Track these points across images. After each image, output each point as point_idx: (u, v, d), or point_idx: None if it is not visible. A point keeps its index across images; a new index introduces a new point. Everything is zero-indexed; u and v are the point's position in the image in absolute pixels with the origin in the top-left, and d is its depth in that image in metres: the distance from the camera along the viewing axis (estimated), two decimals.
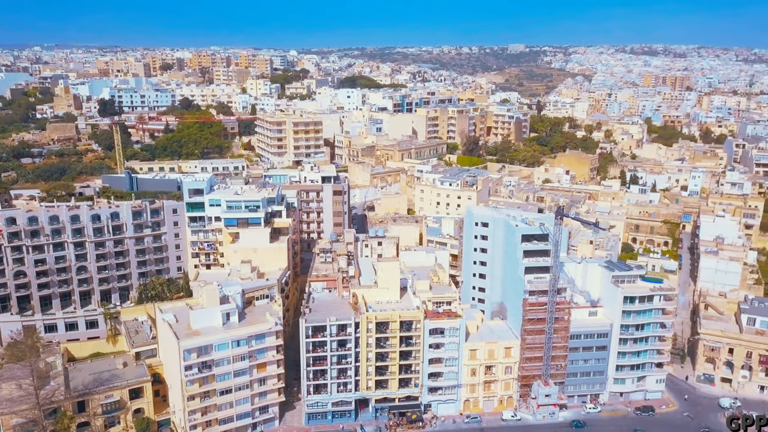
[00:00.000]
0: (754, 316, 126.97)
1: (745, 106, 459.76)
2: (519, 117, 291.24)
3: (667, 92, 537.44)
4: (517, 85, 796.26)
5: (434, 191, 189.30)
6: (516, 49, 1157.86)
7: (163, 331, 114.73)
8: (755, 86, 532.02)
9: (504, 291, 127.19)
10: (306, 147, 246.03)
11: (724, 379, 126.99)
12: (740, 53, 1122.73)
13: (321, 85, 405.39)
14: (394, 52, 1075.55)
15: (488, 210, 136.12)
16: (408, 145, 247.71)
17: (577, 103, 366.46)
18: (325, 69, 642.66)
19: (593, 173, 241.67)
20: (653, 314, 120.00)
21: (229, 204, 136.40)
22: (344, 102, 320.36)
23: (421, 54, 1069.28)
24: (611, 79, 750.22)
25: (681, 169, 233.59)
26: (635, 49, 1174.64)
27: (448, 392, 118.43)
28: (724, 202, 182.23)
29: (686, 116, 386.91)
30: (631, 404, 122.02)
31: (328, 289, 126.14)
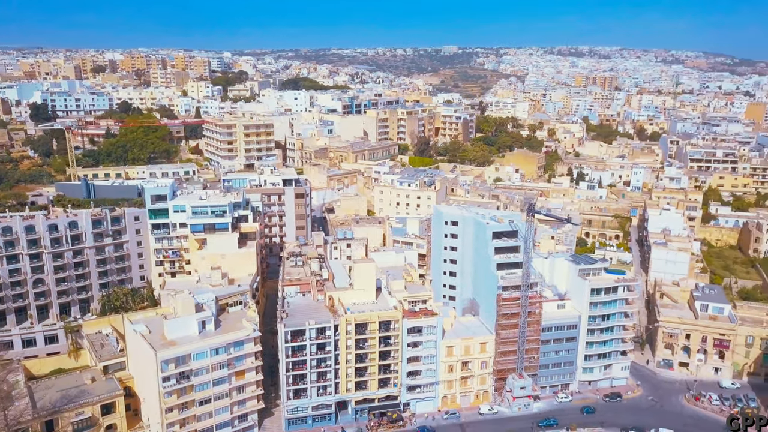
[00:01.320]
0: (707, 302, 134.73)
1: (670, 104, 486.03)
2: (466, 118, 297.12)
3: (597, 92, 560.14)
4: (452, 86, 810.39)
5: (394, 192, 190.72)
6: (449, 50, 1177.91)
7: (133, 343, 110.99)
8: (679, 86, 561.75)
9: (475, 287, 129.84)
10: (257, 150, 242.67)
11: (681, 363, 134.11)
12: (659, 54, 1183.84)
13: (263, 87, 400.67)
14: (329, 54, 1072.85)
15: (457, 209, 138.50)
16: (361, 146, 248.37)
17: (518, 103, 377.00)
18: (263, 71, 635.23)
19: (540, 171, 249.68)
20: (618, 305, 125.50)
21: (195, 210, 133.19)
22: (291, 104, 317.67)
23: (356, 56, 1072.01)
24: (543, 80, 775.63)
25: (623, 165, 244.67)
26: (562, 51, 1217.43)
27: (426, 390, 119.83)
28: (668, 196, 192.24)
29: (618, 115, 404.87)
30: (599, 392, 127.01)
31: (301, 293, 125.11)
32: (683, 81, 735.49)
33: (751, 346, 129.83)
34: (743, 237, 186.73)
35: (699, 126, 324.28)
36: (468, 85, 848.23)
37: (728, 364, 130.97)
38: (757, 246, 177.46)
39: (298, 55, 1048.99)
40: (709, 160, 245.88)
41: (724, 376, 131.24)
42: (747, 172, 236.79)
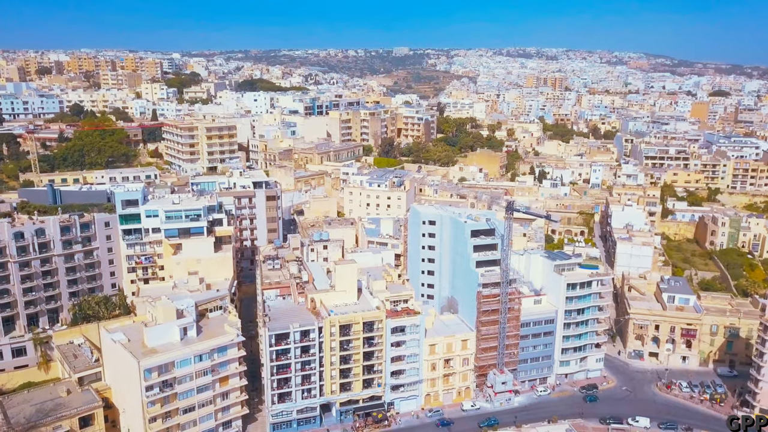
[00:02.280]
0: (673, 294, 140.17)
1: (619, 104, 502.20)
2: (427, 119, 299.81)
3: (549, 92, 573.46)
4: (406, 87, 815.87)
5: (364, 193, 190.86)
6: (401, 52, 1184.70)
7: (111, 353, 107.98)
8: (627, 86, 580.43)
9: (453, 285, 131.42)
10: (220, 152, 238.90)
11: (651, 353, 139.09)
12: (603, 56, 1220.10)
13: (219, 89, 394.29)
14: (280, 55, 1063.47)
15: (434, 208, 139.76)
16: (326, 147, 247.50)
17: (475, 104, 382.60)
18: (215, 72, 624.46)
19: (502, 170, 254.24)
20: (592, 298, 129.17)
21: (168, 214, 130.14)
22: (251, 106, 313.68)
23: (308, 57, 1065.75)
24: (495, 81, 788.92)
25: (582, 163, 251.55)
26: (511, 52, 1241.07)
27: (410, 388, 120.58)
28: (629, 193, 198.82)
29: (572, 114, 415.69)
30: (575, 384, 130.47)
31: (281, 297, 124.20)
32: (629, 81, 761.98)
33: (715, 334, 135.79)
34: (699, 230, 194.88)
35: (649, 125, 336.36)
36: (421, 86, 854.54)
37: (695, 353, 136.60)
38: (714, 239, 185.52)
39: (248, 56, 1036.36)
40: (662, 158, 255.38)
41: (692, 364, 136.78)
42: (698, 169, 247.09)
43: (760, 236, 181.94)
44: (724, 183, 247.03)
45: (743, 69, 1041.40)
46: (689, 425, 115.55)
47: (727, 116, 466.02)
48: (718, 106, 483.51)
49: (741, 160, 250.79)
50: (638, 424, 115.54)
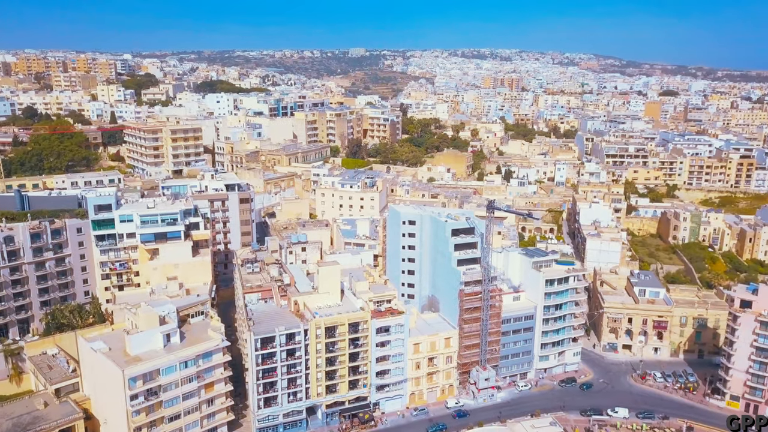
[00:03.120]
0: (644, 287, 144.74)
1: (575, 104, 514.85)
2: (393, 119, 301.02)
3: (506, 93, 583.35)
4: (364, 88, 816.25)
5: (337, 194, 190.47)
6: (357, 53, 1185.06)
7: (90, 362, 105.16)
8: (583, 86, 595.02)
9: (434, 284, 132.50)
10: (186, 155, 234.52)
11: (625, 345, 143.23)
12: (555, 57, 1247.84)
13: (178, 91, 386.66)
14: (234, 56, 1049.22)
15: (412, 208, 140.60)
16: (294, 149, 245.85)
17: (438, 104, 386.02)
18: (169, 73, 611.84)
19: (469, 170, 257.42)
20: (569, 294, 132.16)
21: (144, 218, 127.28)
22: (213, 107, 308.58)
23: (263, 58, 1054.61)
24: (452, 82, 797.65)
25: (546, 162, 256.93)
26: (466, 53, 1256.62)
27: (395, 388, 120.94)
28: (594, 190, 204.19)
29: (532, 114, 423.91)
30: (554, 378, 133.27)
31: (263, 300, 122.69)
32: (585, 82, 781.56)
33: (684, 325, 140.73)
34: (662, 226, 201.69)
35: (607, 124, 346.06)
36: (379, 87, 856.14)
37: (666, 344, 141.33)
38: (676, 233, 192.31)
39: (202, 57, 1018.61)
40: (622, 156, 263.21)
41: (663, 355, 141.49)
42: (657, 166, 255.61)
43: (719, 230, 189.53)
44: (681, 180, 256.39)
45: (688, 69, 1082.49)
46: (665, 414, 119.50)
47: (677, 115, 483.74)
48: (668, 106, 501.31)
49: (696, 157, 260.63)
50: (617, 414, 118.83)
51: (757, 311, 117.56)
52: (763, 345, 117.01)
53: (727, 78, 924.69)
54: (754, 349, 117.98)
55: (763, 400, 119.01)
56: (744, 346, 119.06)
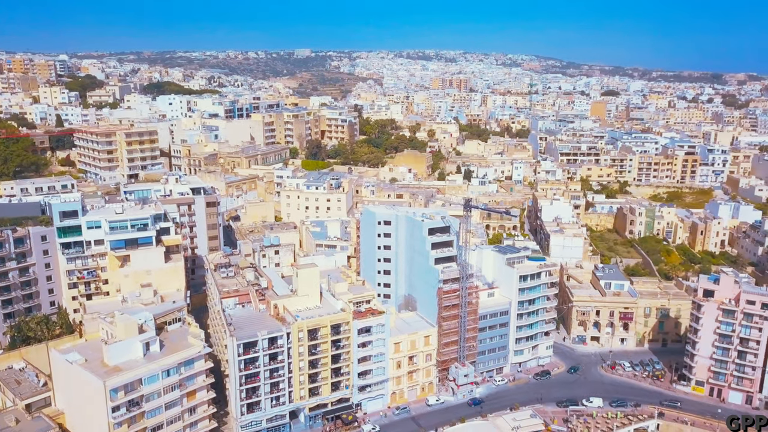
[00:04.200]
0: (610, 280, 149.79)
1: (522, 104, 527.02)
2: (351, 120, 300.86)
3: (456, 94, 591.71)
4: (311, 89, 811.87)
5: (302, 196, 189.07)
6: (303, 54, 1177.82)
7: (64, 375, 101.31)
8: (534, 87, 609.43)
9: (411, 283, 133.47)
10: (141, 159, 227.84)
11: (593, 337, 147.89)
12: (498, 58, 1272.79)
13: (125, 93, 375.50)
14: (176, 57, 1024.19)
15: (386, 209, 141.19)
16: (253, 151, 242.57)
17: (392, 105, 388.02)
18: (112, 74, 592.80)
19: (428, 170, 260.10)
20: (541, 289, 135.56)
21: (113, 225, 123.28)
22: (165, 109, 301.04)
23: (206, 59, 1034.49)
24: (400, 83, 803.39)
25: (503, 161, 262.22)
26: (411, 55, 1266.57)
27: (376, 388, 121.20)
28: (554, 188, 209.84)
29: (483, 114, 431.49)
30: (529, 372, 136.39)
31: (241, 305, 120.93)
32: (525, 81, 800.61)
33: (648, 316, 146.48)
34: (618, 221, 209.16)
35: (557, 123, 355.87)
36: (327, 88, 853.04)
37: (632, 334, 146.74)
38: (632, 228, 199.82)
39: (141, 58, 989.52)
40: (575, 154, 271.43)
41: (629, 345, 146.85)
42: (608, 163, 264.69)
43: (672, 224, 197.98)
44: (631, 176, 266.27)
45: (625, 70, 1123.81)
46: (637, 401, 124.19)
47: (619, 114, 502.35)
48: (611, 105, 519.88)
49: (645, 155, 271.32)
50: (592, 404, 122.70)
51: (719, 300, 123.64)
52: (725, 332, 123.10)
53: (661, 78, 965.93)
54: (717, 336, 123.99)
55: (726, 384, 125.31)
56: (708, 333, 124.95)
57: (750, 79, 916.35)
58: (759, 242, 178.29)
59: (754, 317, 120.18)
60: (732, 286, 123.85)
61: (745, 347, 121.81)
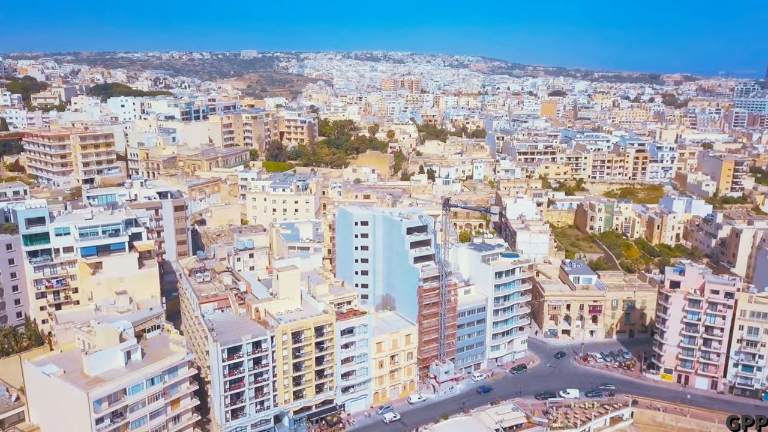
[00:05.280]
0: (578, 275, 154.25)
1: (474, 105, 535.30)
2: (310, 121, 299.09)
3: (408, 95, 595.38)
4: (260, 90, 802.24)
5: (269, 198, 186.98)
6: (249, 54, 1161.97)
7: (40, 388, 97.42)
8: (486, 88, 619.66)
9: (389, 283, 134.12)
10: (97, 163, 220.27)
11: (564, 331, 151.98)
12: (445, 59, 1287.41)
13: (71, 94, 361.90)
14: (117, 58, 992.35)
15: (363, 209, 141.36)
16: (214, 153, 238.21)
17: (348, 106, 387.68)
18: (52, 75, 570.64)
19: (391, 170, 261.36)
20: (516, 285, 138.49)
21: (83, 231, 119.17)
22: (117, 112, 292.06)
23: (149, 59, 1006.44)
24: (350, 84, 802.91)
25: (464, 161, 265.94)
26: (359, 56, 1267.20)
27: (360, 388, 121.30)
28: (516, 186, 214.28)
29: (438, 115, 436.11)
30: (505, 366, 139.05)
31: (220, 309, 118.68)
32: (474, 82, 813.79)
33: (616, 308, 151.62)
34: (579, 217, 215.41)
35: (511, 123, 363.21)
36: (276, 89, 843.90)
37: (601, 326, 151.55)
38: (593, 224, 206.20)
39: (80, 58, 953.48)
40: (532, 153, 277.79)
41: (599, 337, 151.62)
42: (564, 162, 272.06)
43: (630, 219, 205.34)
44: (586, 174, 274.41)
45: (568, 71, 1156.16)
46: (611, 391, 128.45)
47: (567, 114, 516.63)
48: (559, 105, 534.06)
49: (598, 153, 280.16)
50: (569, 395, 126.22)
51: (685, 290, 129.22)
52: (691, 321, 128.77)
53: (603, 79, 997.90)
54: (684, 325, 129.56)
55: (693, 371, 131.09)
56: (675, 323, 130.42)
57: (685, 79, 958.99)
58: (712, 235, 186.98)
59: (718, 306, 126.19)
60: (697, 277, 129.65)
61: (710, 335, 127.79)
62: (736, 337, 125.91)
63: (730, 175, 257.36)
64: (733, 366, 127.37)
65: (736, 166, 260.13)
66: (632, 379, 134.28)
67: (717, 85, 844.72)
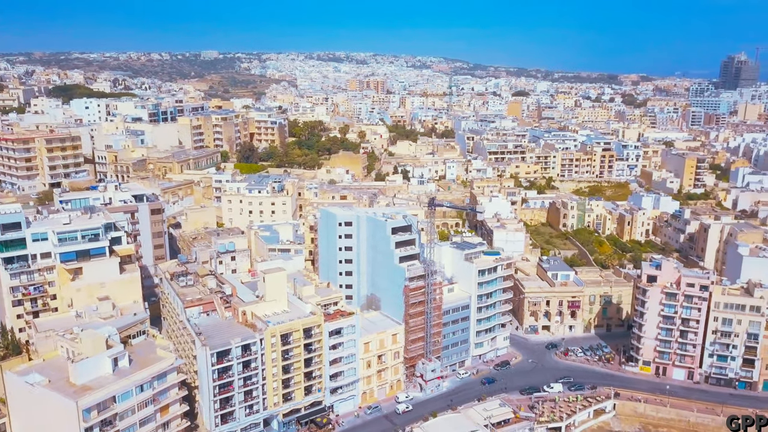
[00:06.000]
0: (557, 271, 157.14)
1: (440, 105, 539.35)
2: (281, 122, 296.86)
3: (374, 95, 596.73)
4: (223, 91, 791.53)
5: (245, 200, 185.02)
6: (210, 55, 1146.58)
7: (23, 398, 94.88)
8: (452, 89, 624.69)
9: (374, 283, 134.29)
10: (64, 166, 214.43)
11: (544, 326, 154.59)
12: (408, 60, 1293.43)
13: (29, 96, 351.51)
14: (72, 58, 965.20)
15: (347, 210, 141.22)
16: (185, 155, 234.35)
17: (317, 107, 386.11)
18: (6, 77, 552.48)
19: (365, 171, 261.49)
20: (498, 282, 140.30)
21: (62, 236, 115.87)
22: (82, 114, 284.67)
23: (106, 60, 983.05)
24: (315, 84, 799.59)
25: (436, 161, 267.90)
26: (322, 56, 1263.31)
27: (348, 389, 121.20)
28: (491, 185, 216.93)
29: (406, 115, 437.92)
30: (489, 363, 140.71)
31: (205, 313, 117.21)
32: (437, 83, 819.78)
33: (593, 303, 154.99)
34: (551, 215, 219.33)
35: (479, 123, 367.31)
36: (239, 90, 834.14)
37: (580, 321, 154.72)
38: (566, 221, 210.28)
39: (33, 59, 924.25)
40: (503, 152, 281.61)
41: (577, 331, 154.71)
42: (534, 161, 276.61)
43: (601, 216, 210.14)
44: (555, 172, 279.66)
45: (528, 71, 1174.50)
46: (593, 384, 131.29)
47: (531, 113, 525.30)
48: (523, 105, 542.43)
49: (566, 151, 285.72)
50: (553, 389, 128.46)
51: (662, 284, 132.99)
52: (668, 314, 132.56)
53: (563, 79, 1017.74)
54: (661, 318, 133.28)
55: (671, 362, 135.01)
56: (653, 316, 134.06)
57: (642, 80, 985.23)
58: (680, 230, 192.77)
59: (693, 298, 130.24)
60: (672, 271, 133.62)
61: (687, 327, 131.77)
62: (711, 328, 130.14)
63: (692, 172, 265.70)
64: (708, 356, 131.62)
65: (698, 164, 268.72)
66: (612, 372, 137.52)
67: (673, 85, 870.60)
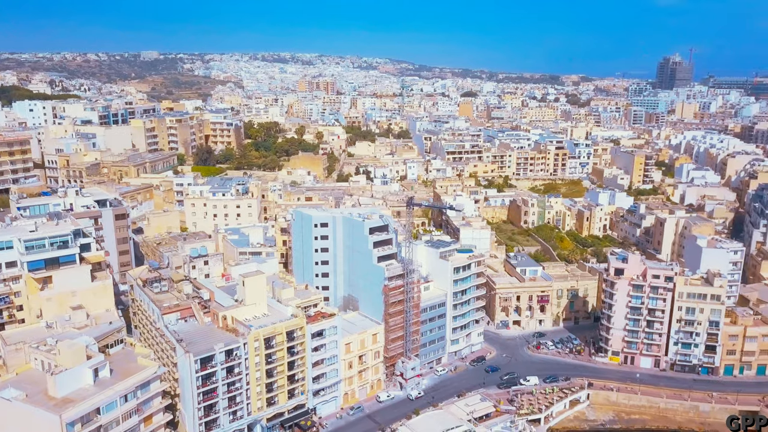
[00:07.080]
0: (525, 267, 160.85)
1: (391, 106, 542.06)
2: (237, 124, 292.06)
3: (324, 96, 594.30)
4: (166, 93, 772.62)
5: (209, 203, 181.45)
6: (150, 56, 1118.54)
7: (1, 415, 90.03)
8: (407, 90, 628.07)
9: (352, 283, 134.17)
10: (12, 171, 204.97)
11: (515, 321, 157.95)
12: (354, 61, 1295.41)
13: None
14: (2, 59, 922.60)
15: (321, 211, 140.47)
16: (140, 159, 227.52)
17: (270, 108, 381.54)
18: None
19: (325, 172, 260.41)
20: (472, 279, 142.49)
21: (29, 244, 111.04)
22: (26, 116, 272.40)
23: (40, 61, 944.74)
24: (262, 85, 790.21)
25: (396, 161, 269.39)
26: (266, 57, 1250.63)
27: (330, 390, 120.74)
28: (453, 185, 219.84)
29: (360, 116, 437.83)
30: (465, 359, 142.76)
31: (183, 319, 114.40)
32: (385, 83, 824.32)
33: (561, 297, 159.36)
34: (512, 212, 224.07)
35: (433, 123, 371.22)
36: (182, 91, 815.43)
37: (549, 316, 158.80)
38: (527, 218, 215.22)
39: None
40: (460, 152, 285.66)
41: (546, 325, 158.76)
42: (491, 160, 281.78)
43: (561, 213, 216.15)
44: (511, 171, 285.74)
45: (473, 72, 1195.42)
46: (566, 375, 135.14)
47: (481, 114, 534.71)
48: (473, 105, 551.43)
49: (521, 150, 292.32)
50: (530, 382, 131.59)
51: (629, 276, 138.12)
52: (636, 305, 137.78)
53: (507, 80, 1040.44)
54: (629, 309, 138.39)
55: (638, 352, 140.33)
56: (621, 307, 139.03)
57: (582, 80, 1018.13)
58: (636, 224, 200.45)
59: (659, 289, 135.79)
60: (639, 264, 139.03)
61: (653, 317, 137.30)
62: (676, 317, 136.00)
63: (641, 169, 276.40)
64: (673, 344, 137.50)
65: (646, 161, 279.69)
66: (584, 363, 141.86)
67: (612, 85, 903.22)
